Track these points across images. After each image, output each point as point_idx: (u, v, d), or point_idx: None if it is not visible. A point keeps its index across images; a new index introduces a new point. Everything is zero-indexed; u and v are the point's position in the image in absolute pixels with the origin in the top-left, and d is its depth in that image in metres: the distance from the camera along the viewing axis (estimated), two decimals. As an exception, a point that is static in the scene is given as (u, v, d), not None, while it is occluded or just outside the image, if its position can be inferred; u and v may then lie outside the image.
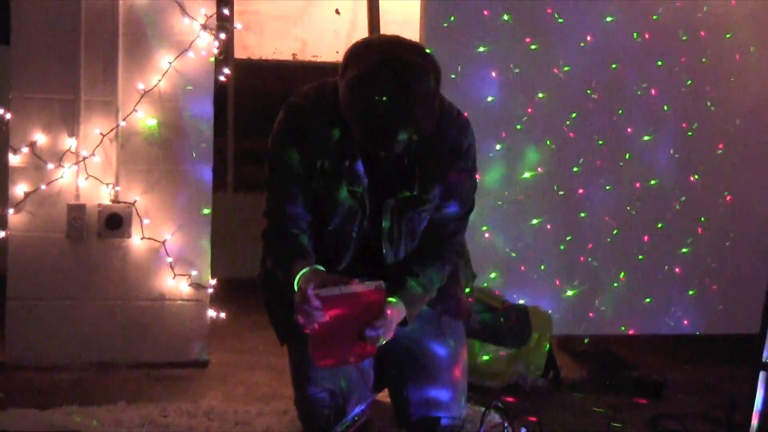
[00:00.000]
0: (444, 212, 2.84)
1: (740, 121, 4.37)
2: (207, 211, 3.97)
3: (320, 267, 2.68)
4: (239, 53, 7.44)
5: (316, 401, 2.82)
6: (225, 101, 6.94)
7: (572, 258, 4.23)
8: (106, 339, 3.92)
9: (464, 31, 4.10)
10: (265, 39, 7.73)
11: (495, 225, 4.16)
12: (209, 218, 3.98)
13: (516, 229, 4.19)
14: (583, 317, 4.23)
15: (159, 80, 3.88)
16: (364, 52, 2.54)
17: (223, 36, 3.96)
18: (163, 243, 3.92)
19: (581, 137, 4.22)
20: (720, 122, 4.36)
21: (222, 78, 4.03)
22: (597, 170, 4.24)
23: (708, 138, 4.35)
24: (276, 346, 2.94)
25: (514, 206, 4.18)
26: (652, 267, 4.31)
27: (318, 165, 2.73)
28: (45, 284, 3.88)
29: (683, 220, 4.33)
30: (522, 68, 4.16)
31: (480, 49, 4.11)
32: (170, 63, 3.89)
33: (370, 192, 2.76)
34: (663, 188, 4.30)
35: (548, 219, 4.20)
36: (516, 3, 4.14)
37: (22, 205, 3.84)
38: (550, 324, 3.86)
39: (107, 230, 3.88)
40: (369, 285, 2.56)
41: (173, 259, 3.92)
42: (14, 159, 3.83)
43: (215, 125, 4.00)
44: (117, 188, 3.89)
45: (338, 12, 7.73)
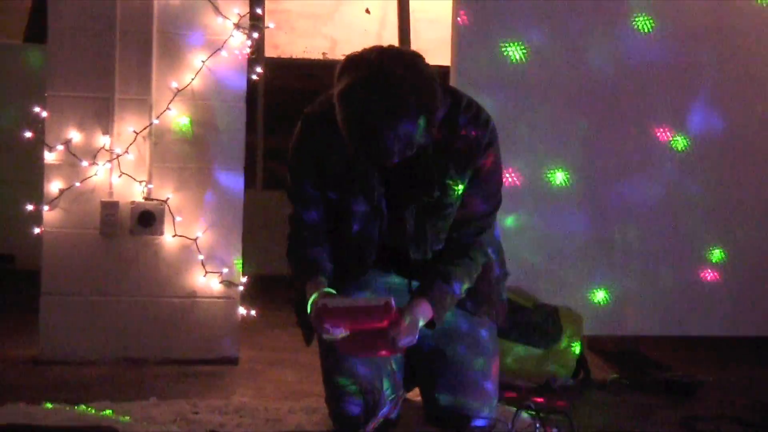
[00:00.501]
0: (467, 211, 2.83)
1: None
2: (239, 209, 3.99)
3: (330, 290, 2.72)
4: (269, 52, 7.48)
5: (347, 400, 2.82)
6: (255, 99, 6.98)
7: (602, 258, 4.22)
8: (138, 335, 3.95)
9: (494, 30, 4.10)
10: (296, 38, 7.77)
11: (525, 224, 4.15)
12: (240, 216, 4.00)
13: (546, 229, 4.18)
14: (614, 317, 4.22)
15: (192, 79, 3.91)
16: (353, 66, 2.54)
17: (256, 35, 3.99)
18: (195, 240, 3.94)
19: (612, 136, 4.21)
20: (756, 121, 4.34)
21: (254, 77, 4.05)
22: (627, 170, 4.23)
23: (743, 137, 4.33)
24: (306, 345, 2.96)
25: (544, 206, 4.18)
26: (682, 268, 4.29)
27: (333, 174, 2.76)
28: (78, 280, 3.92)
29: (715, 221, 4.30)
30: (552, 65, 4.15)
31: (511, 49, 4.11)
32: (203, 62, 3.92)
33: (390, 198, 2.77)
34: (693, 189, 4.28)
35: (578, 219, 4.19)
36: (546, 2, 4.13)
37: (57, 202, 3.87)
38: (581, 324, 3.85)
39: (140, 227, 3.91)
40: (376, 301, 2.60)
41: (204, 257, 3.95)
42: (50, 156, 3.87)
43: (245, 126, 4.03)
44: (150, 186, 3.92)
45: (368, 11, 7.75)
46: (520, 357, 3.70)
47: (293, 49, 7.80)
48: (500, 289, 3.07)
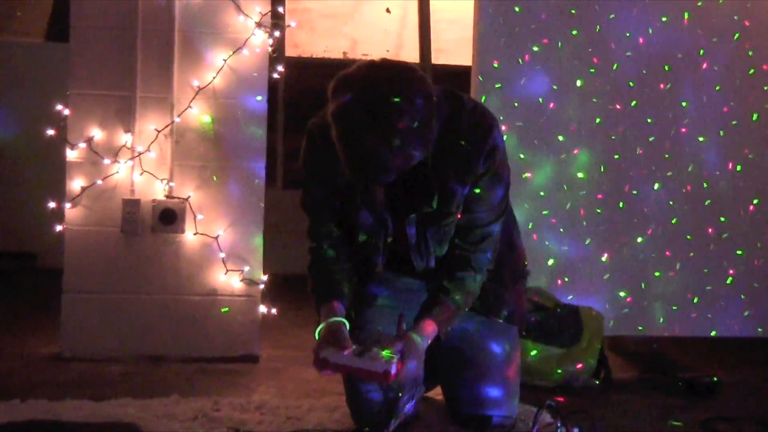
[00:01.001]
0: (471, 217, 2.81)
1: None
2: (260, 207, 4.00)
3: (338, 319, 2.74)
4: (290, 51, 7.48)
5: (368, 399, 2.82)
6: (275, 99, 6.99)
7: (624, 259, 4.20)
8: (159, 333, 3.96)
9: (516, 28, 4.10)
10: (316, 37, 7.77)
11: (546, 226, 4.14)
12: (262, 214, 4.01)
13: (567, 230, 4.17)
14: (634, 318, 4.20)
15: (214, 77, 3.92)
16: (345, 84, 2.51)
17: (277, 33, 3.99)
18: (216, 238, 3.95)
19: (634, 137, 4.20)
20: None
21: (276, 75, 4.06)
22: (649, 172, 4.21)
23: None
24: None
25: (566, 207, 4.17)
26: (705, 269, 4.27)
27: (336, 186, 2.76)
28: (100, 278, 3.94)
29: (737, 221, 4.28)
30: (574, 61, 4.15)
31: (534, 48, 4.10)
32: (225, 60, 3.92)
33: (392, 208, 2.77)
34: (715, 191, 4.26)
35: (599, 220, 4.18)
36: (569, 2, 4.13)
37: (79, 200, 3.89)
38: (602, 324, 3.84)
39: (161, 225, 3.92)
40: (375, 364, 2.57)
41: (226, 255, 3.96)
42: (72, 154, 3.89)
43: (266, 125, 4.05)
44: (171, 184, 3.93)
45: (389, 11, 7.75)
46: (541, 357, 3.70)
47: (314, 49, 7.80)
48: (518, 290, 3.06)
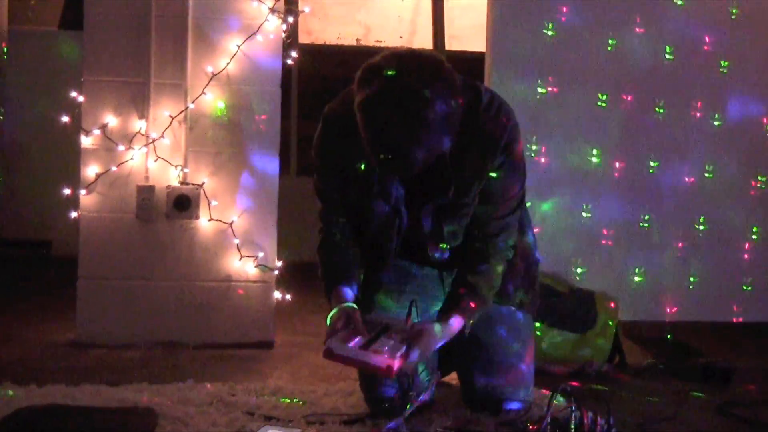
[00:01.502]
0: (486, 210, 2.79)
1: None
2: (274, 194, 4.00)
3: (350, 304, 2.72)
4: (303, 38, 7.48)
5: (381, 385, 2.83)
6: (289, 86, 6.99)
7: (638, 243, 4.20)
8: (174, 319, 3.98)
9: (530, 14, 4.09)
10: (329, 24, 7.76)
11: (560, 208, 4.14)
12: (276, 200, 4.01)
13: (581, 215, 4.16)
14: (650, 303, 4.20)
15: (227, 63, 3.92)
16: (372, 75, 2.48)
17: (291, 19, 3.99)
18: (230, 225, 3.96)
19: (649, 118, 4.19)
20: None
21: (289, 62, 4.06)
22: (664, 153, 4.21)
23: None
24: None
25: (579, 189, 4.16)
26: (720, 254, 4.26)
27: (352, 173, 2.74)
28: (115, 264, 3.95)
29: (752, 205, 4.27)
30: (588, 47, 4.14)
31: (549, 33, 4.09)
32: (238, 46, 3.92)
33: (407, 197, 2.76)
34: (731, 171, 4.25)
35: (614, 203, 4.17)
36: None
37: (94, 186, 3.90)
38: (617, 309, 3.83)
39: (175, 211, 3.93)
40: (378, 359, 2.53)
41: (240, 241, 3.96)
42: (86, 141, 3.90)
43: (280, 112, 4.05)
44: (185, 170, 3.94)
45: (402, -4, 7.73)
46: (556, 342, 3.70)
47: (327, 36, 7.80)
48: (531, 276, 3.06)
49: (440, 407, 2.88)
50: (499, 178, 2.74)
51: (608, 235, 4.17)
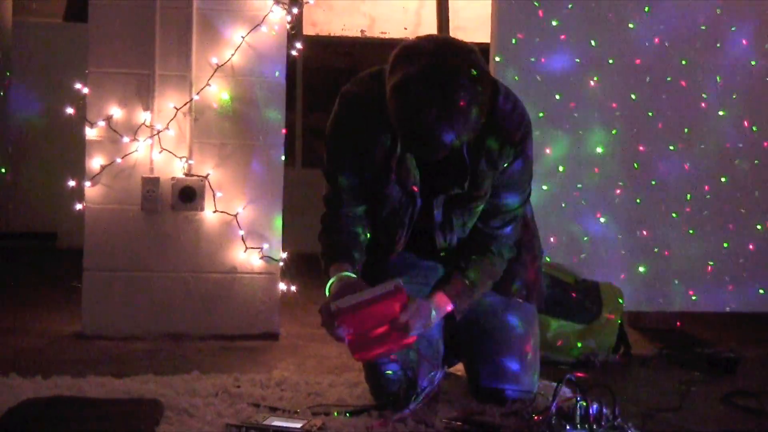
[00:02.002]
0: (495, 202, 2.81)
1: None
2: (279, 185, 4.01)
3: (349, 273, 2.73)
4: (308, 30, 7.48)
5: (386, 376, 2.82)
6: (294, 77, 6.98)
7: (643, 233, 4.19)
8: (179, 311, 3.98)
9: (536, 6, 4.08)
10: (334, 15, 7.76)
11: (564, 201, 4.14)
12: (281, 192, 4.02)
13: (586, 206, 4.16)
14: (655, 293, 4.20)
15: (232, 54, 3.92)
16: (412, 55, 2.49)
17: (295, 10, 3.99)
18: (235, 216, 3.96)
19: (654, 107, 4.18)
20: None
21: (294, 53, 4.06)
22: (669, 142, 4.20)
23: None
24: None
25: (584, 182, 4.16)
26: (724, 244, 4.26)
27: (369, 156, 2.73)
28: (120, 256, 3.96)
29: (757, 195, 4.26)
30: (593, 37, 4.13)
31: (553, 23, 4.08)
32: (243, 37, 3.92)
33: (422, 185, 2.76)
34: (738, 166, 4.24)
35: (618, 196, 4.17)
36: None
37: (99, 178, 3.91)
38: (622, 300, 3.83)
39: (181, 203, 3.94)
40: (385, 287, 2.58)
41: (245, 232, 3.97)
42: (91, 133, 3.90)
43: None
44: (190, 162, 3.94)
45: (407, -12, 7.72)
46: (560, 332, 3.69)
47: (331, 27, 7.80)
48: (535, 267, 3.05)
49: (446, 398, 2.88)
50: (513, 171, 2.76)
51: (613, 225, 4.17)
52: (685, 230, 4.21)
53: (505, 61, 4.10)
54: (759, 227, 4.25)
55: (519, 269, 2.98)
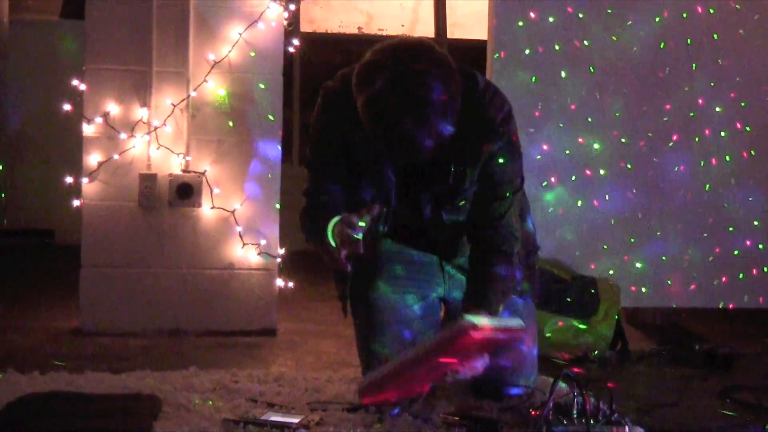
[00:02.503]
0: (486, 195, 2.78)
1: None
2: (276, 181, 4.01)
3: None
4: (305, 27, 7.48)
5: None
6: (291, 75, 6.98)
7: (640, 230, 4.19)
8: (177, 307, 3.99)
9: (533, 4, 4.08)
10: (331, 12, 7.76)
11: (562, 195, 4.14)
12: (278, 188, 4.02)
13: (583, 203, 4.16)
14: (652, 290, 4.20)
15: (229, 51, 3.92)
16: (373, 70, 2.48)
17: (293, 7, 3.99)
18: (233, 212, 3.96)
19: (650, 106, 4.18)
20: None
21: (291, 49, 4.06)
22: (666, 140, 4.20)
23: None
24: (343, 317, 2.97)
25: (581, 176, 4.16)
26: (722, 240, 4.26)
27: (346, 151, 2.72)
28: (118, 252, 3.96)
29: (755, 192, 4.26)
30: (590, 34, 4.13)
31: (550, 20, 4.08)
32: (240, 34, 3.92)
33: (404, 185, 2.74)
34: (733, 158, 4.25)
35: (616, 190, 4.17)
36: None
37: (96, 175, 3.91)
38: (619, 296, 3.84)
39: (178, 199, 3.94)
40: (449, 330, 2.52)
41: (242, 229, 3.97)
42: (88, 129, 3.91)
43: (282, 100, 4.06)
44: (188, 158, 3.94)
45: (404, -15, 7.72)
46: (558, 329, 3.70)
47: (329, 24, 7.80)
48: (530, 264, 3.05)
49: (443, 393, 2.88)
50: (500, 162, 2.74)
51: (610, 221, 4.17)
52: (682, 226, 4.21)
53: (503, 58, 4.10)
54: (756, 223, 4.26)
55: (519, 266, 2.97)
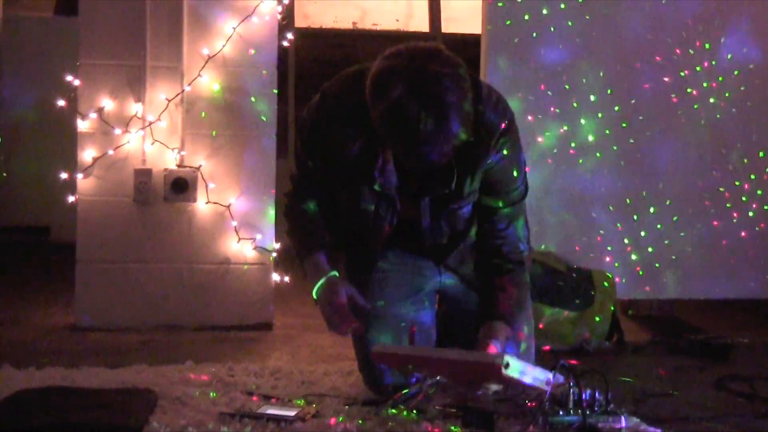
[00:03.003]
0: (491, 204, 2.77)
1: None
2: (271, 175, 4.01)
3: (334, 273, 2.73)
4: (300, 22, 7.47)
5: (380, 370, 2.83)
6: (286, 70, 6.97)
7: (635, 220, 4.20)
8: (173, 302, 3.99)
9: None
10: (326, 7, 7.75)
11: (555, 186, 4.14)
12: (273, 182, 4.02)
13: (579, 194, 4.17)
14: (647, 281, 4.21)
15: (223, 45, 3.92)
16: (389, 78, 2.43)
17: (286, 1, 3.99)
18: (228, 207, 3.96)
19: (644, 94, 4.19)
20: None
21: (285, 43, 4.06)
22: (661, 129, 4.21)
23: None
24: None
25: (575, 166, 4.16)
26: (717, 231, 4.27)
27: (344, 155, 2.68)
28: (113, 247, 3.96)
29: (750, 182, 4.27)
30: (584, 23, 4.14)
31: (543, 12, 4.09)
32: (234, 28, 3.92)
33: (404, 189, 2.72)
34: (728, 148, 4.25)
35: (610, 180, 4.17)
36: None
37: (91, 170, 3.90)
38: (614, 287, 3.85)
39: (173, 194, 3.93)
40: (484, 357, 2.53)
41: (238, 223, 3.97)
42: (83, 125, 3.90)
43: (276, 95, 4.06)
44: (182, 153, 3.94)
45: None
46: (554, 320, 3.70)
47: (323, 19, 7.79)
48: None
49: (439, 385, 2.88)
50: (503, 170, 2.73)
51: (605, 213, 4.17)
52: (678, 217, 4.22)
53: (497, 51, 4.10)
54: (751, 214, 4.26)
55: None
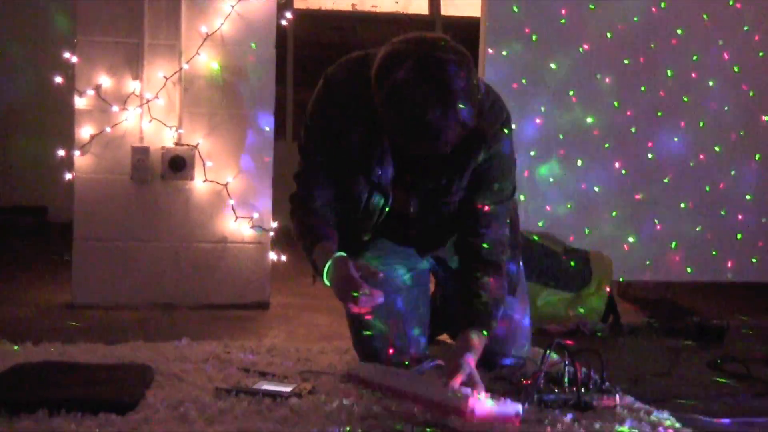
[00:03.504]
0: (474, 204, 2.73)
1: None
2: (269, 154, 4.01)
3: (342, 253, 2.64)
4: (299, 3, 7.46)
5: (375, 348, 2.84)
6: (285, 52, 6.96)
7: (633, 204, 4.21)
8: (170, 280, 3.99)
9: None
10: (325, -11, 7.72)
11: (555, 171, 4.15)
12: (271, 161, 4.01)
13: (578, 177, 4.17)
14: (644, 263, 4.22)
15: (222, 23, 3.91)
16: (396, 61, 2.42)
17: (285, -21, 3.98)
18: (226, 186, 3.96)
19: (644, 83, 4.19)
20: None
21: (284, 22, 4.05)
22: (659, 115, 4.21)
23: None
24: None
25: (574, 152, 4.17)
26: (714, 214, 4.28)
27: (347, 142, 2.67)
28: (110, 225, 3.96)
29: (746, 166, 4.28)
30: (583, 12, 4.14)
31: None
32: (233, 6, 3.91)
33: (397, 181, 2.71)
34: (726, 133, 4.26)
35: (609, 164, 4.18)
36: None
37: (88, 148, 3.90)
38: (611, 269, 3.85)
39: (171, 172, 3.93)
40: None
41: (235, 202, 3.97)
42: (80, 102, 3.89)
43: (275, 76, 4.05)
44: (180, 131, 3.93)
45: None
46: (550, 301, 3.71)
47: (322, 1, 7.77)
48: (517, 263, 3.04)
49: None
50: (491, 171, 2.70)
51: (602, 195, 4.18)
52: (675, 200, 4.23)
53: (497, 35, 4.10)
54: (748, 197, 4.28)
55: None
